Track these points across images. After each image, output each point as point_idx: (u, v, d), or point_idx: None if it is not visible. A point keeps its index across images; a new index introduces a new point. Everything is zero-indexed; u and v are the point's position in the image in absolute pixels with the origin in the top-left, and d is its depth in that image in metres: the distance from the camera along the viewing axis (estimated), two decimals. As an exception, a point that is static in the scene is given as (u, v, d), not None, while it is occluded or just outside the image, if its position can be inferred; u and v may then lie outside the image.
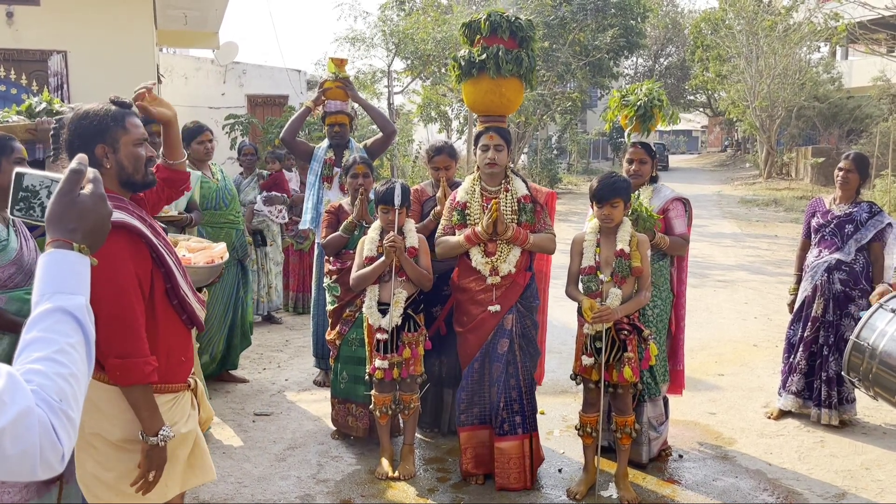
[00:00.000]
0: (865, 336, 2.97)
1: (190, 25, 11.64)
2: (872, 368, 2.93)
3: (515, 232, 3.74)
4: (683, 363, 4.44)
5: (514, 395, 3.81)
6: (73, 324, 1.27)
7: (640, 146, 4.24)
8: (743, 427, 4.77)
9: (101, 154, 2.24)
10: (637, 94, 4.30)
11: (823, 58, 28.21)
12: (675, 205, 4.19)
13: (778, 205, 18.90)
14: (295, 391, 5.41)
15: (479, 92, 4.03)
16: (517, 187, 3.88)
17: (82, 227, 1.34)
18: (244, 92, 15.13)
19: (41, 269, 1.31)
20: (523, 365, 3.84)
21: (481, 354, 3.84)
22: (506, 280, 3.78)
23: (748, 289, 9.23)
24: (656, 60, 39.76)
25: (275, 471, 4.10)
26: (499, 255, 3.78)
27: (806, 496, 3.83)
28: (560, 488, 3.90)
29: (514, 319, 3.81)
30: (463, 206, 3.89)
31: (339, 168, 5.42)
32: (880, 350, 2.90)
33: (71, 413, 1.20)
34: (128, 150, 2.28)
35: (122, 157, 2.27)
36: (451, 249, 3.89)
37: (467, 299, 3.87)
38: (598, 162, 37.58)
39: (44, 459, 1.15)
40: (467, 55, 4.01)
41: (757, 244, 12.97)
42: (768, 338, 6.86)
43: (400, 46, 17.25)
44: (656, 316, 4.12)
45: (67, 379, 1.21)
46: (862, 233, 4.60)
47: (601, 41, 19.50)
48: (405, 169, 17.27)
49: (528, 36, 4.01)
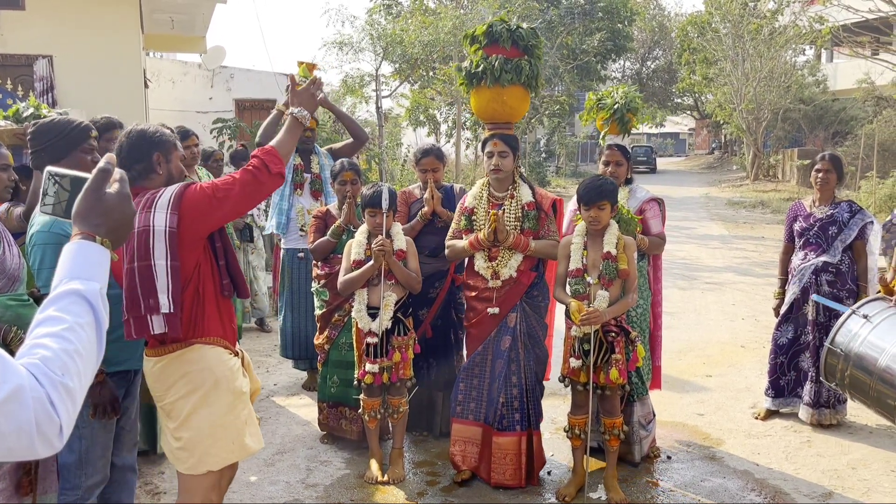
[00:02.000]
0: (840, 341, 3.01)
1: (177, 30, 11.60)
2: (847, 372, 2.97)
3: (516, 239, 3.81)
4: (661, 359, 4.50)
5: (515, 392, 3.86)
6: (86, 306, 1.34)
7: (617, 148, 4.31)
8: (731, 428, 4.80)
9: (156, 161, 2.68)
10: (613, 98, 4.36)
11: (808, 61, 28.44)
12: (651, 205, 4.27)
13: (765, 206, 19.02)
14: (283, 396, 5.40)
15: (482, 100, 4.08)
16: (523, 194, 3.95)
17: (106, 223, 1.42)
18: (232, 96, 15.07)
19: (64, 258, 1.39)
20: (527, 364, 3.89)
21: (483, 349, 3.91)
22: (506, 283, 3.86)
23: (736, 290, 9.28)
24: (643, 63, 39.97)
25: (264, 476, 4.09)
26: (500, 259, 3.87)
27: (793, 496, 3.86)
28: (549, 491, 3.91)
29: (517, 318, 3.87)
30: (470, 211, 3.99)
31: (309, 174, 5.44)
32: (854, 354, 2.94)
33: (72, 387, 1.24)
34: (177, 163, 2.75)
35: (172, 168, 2.73)
36: (458, 254, 4.02)
37: (473, 297, 3.98)
38: (587, 165, 37.69)
39: (41, 434, 1.18)
40: (468, 66, 4.05)
41: (744, 246, 13.05)
42: (756, 339, 6.91)
43: (388, 50, 17.26)
44: (639, 315, 4.18)
45: (72, 355, 1.26)
46: (846, 233, 4.64)
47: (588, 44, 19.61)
48: (394, 172, 17.27)
49: (531, 44, 4.04)
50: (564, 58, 19.73)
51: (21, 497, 2.49)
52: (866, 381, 2.91)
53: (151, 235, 2.49)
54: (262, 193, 2.65)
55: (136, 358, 2.94)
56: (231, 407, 2.65)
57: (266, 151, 2.61)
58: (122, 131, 2.72)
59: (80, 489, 2.77)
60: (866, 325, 2.97)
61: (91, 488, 2.83)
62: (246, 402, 2.75)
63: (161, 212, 2.51)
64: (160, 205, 2.52)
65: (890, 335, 2.88)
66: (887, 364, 2.81)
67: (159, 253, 2.48)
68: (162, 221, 2.49)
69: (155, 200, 2.54)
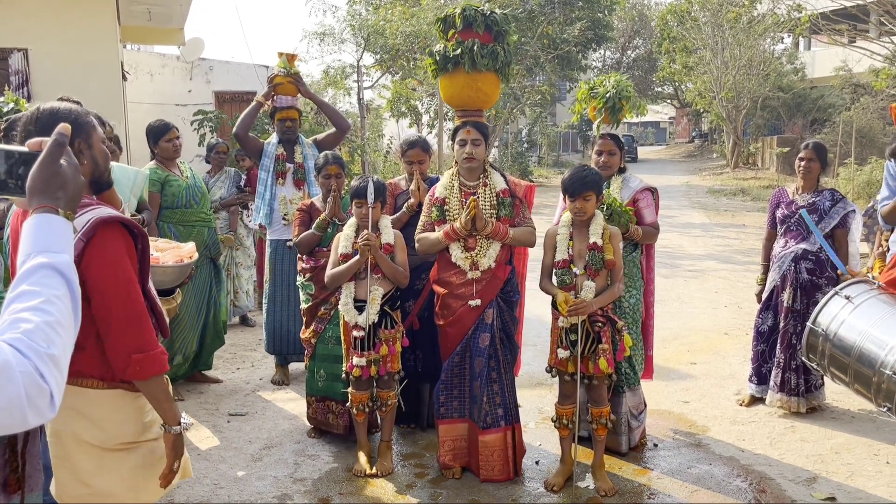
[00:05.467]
0: (821, 321, 3.05)
1: (154, 22, 11.42)
2: (827, 352, 3.01)
3: (495, 227, 3.75)
4: (653, 349, 4.51)
5: (496, 388, 3.84)
6: (60, 278, 1.35)
7: (609, 137, 4.28)
8: (716, 415, 4.85)
9: (77, 149, 2.14)
10: (605, 86, 4.34)
11: (787, 49, 28.68)
12: (645, 195, 4.25)
13: (745, 194, 19.19)
14: (270, 390, 5.37)
15: (456, 86, 4.03)
16: (496, 182, 3.88)
17: (65, 195, 1.44)
18: (211, 89, 14.91)
19: (28, 231, 1.40)
20: (504, 358, 3.87)
21: (461, 348, 3.85)
22: (486, 274, 3.79)
23: (718, 278, 9.36)
24: (624, 53, 40.05)
25: (251, 471, 4.07)
26: (479, 249, 3.79)
27: (778, 481, 3.91)
28: (537, 480, 3.92)
29: (494, 314, 3.83)
30: (442, 201, 3.89)
31: (291, 164, 5.42)
32: (834, 334, 2.98)
33: (57, 356, 1.27)
34: (100, 147, 2.22)
35: (97, 154, 2.20)
36: (431, 246, 3.89)
37: (447, 294, 3.87)
38: (568, 154, 37.80)
39: (32, 405, 1.22)
40: (442, 50, 3.99)
41: (725, 234, 13.16)
42: (739, 326, 6.97)
43: (369, 41, 17.15)
44: (632, 306, 4.17)
45: (53, 326, 1.28)
46: (826, 221, 4.68)
47: (569, 34, 19.59)
48: (376, 164, 17.20)
49: (503, 30, 4.01)
50: (545, 47, 19.71)
51: (9, 495, 2.47)
52: (845, 360, 2.95)
53: None
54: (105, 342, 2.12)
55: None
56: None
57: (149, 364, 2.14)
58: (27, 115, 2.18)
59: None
60: (848, 306, 3.01)
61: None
62: None
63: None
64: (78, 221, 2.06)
65: (870, 316, 2.92)
66: (865, 344, 2.86)
67: None
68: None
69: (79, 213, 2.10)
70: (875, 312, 2.92)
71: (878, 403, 2.82)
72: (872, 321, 2.89)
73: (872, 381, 2.80)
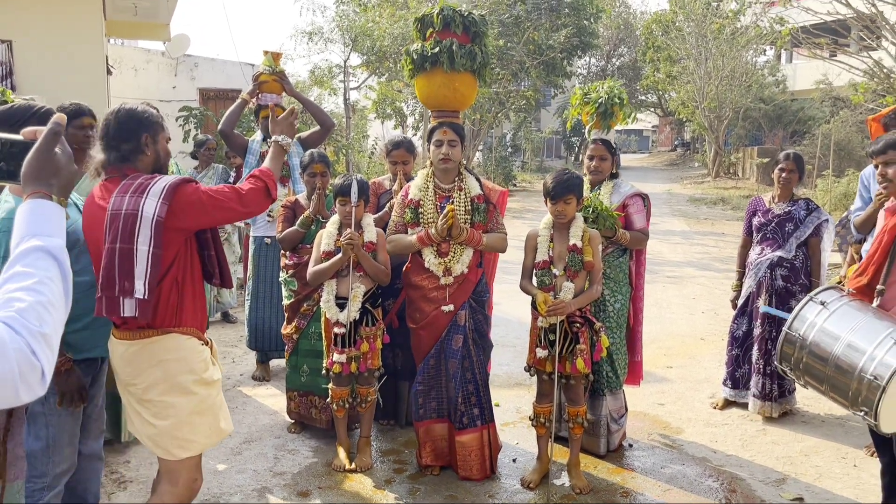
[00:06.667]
0: (796, 328, 3.11)
1: (140, 16, 11.37)
2: (803, 358, 3.07)
3: (469, 234, 3.76)
4: (641, 354, 4.56)
5: (471, 388, 3.87)
6: (52, 261, 1.39)
7: (601, 143, 4.32)
8: (690, 417, 4.94)
9: (145, 142, 2.68)
10: (598, 92, 4.38)
11: (769, 61, 29.02)
12: (635, 200, 4.28)
13: (725, 203, 19.41)
14: (250, 386, 5.39)
15: (433, 86, 4.03)
16: (471, 186, 3.88)
17: (59, 182, 1.49)
18: (196, 85, 14.87)
19: (22, 216, 1.44)
20: (478, 359, 3.91)
21: (436, 350, 3.88)
22: (458, 279, 3.82)
23: (696, 284, 9.48)
24: (609, 60, 40.29)
25: (231, 465, 4.09)
26: (452, 255, 3.80)
27: (748, 481, 4.00)
28: (514, 478, 3.98)
29: (466, 315, 3.86)
30: (416, 203, 3.87)
31: None
32: (810, 341, 3.04)
33: (49, 334, 1.31)
34: (163, 144, 2.76)
35: (160, 149, 2.74)
36: (403, 249, 3.89)
37: (419, 297, 3.89)
38: (552, 160, 37.95)
39: (24, 382, 1.26)
40: (420, 49, 4.00)
41: (705, 241, 13.32)
42: (715, 331, 7.08)
43: (357, 42, 17.18)
44: (617, 311, 4.23)
45: (46, 306, 1.33)
46: (801, 230, 4.79)
47: (555, 40, 19.68)
48: (360, 164, 17.21)
49: (480, 31, 4.01)
50: (531, 53, 19.79)
51: None
52: (821, 368, 3.01)
53: (139, 220, 2.51)
54: (256, 212, 2.79)
55: (104, 345, 2.92)
56: (206, 396, 2.71)
57: (267, 175, 2.78)
58: (110, 111, 2.71)
59: (47, 476, 2.76)
60: (822, 313, 3.07)
61: (59, 476, 2.82)
62: (219, 389, 2.81)
63: (153, 199, 2.53)
64: (153, 192, 2.55)
65: (845, 323, 2.98)
66: (842, 351, 2.92)
67: (143, 239, 2.50)
68: (151, 209, 2.52)
69: (149, 187, 2.57)
70: (850, 319, 2.98)
71: (854, 409, 2.88)
72: (849, 327, 2.95)
73: (850, 387, 2.86)
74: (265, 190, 2.75)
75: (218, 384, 2.80)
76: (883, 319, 2.92)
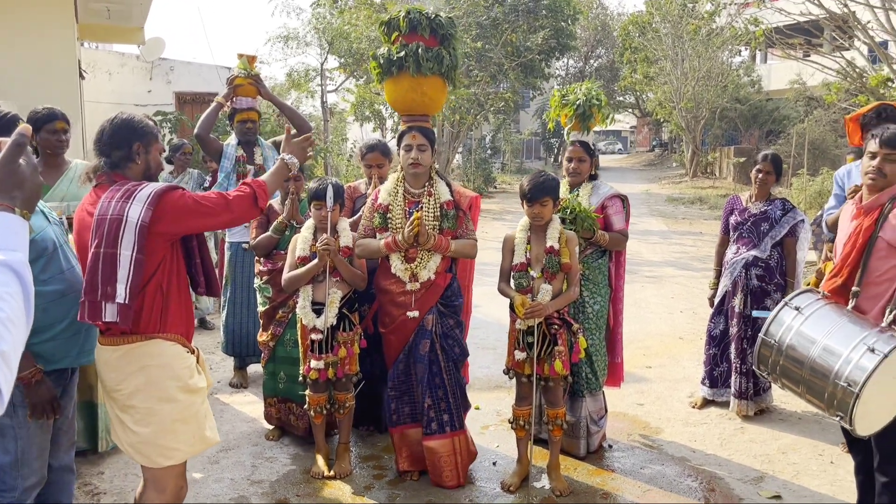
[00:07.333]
0: (773, 332, 3.12)
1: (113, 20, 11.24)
2: (780, 362, 3.08)
3: (437, 241, 3.71)
4: (622, 356, 4.56)
5: (441, 394, 3.82)
6: (12, 276, 1.35)
7: (580, 145, 4.33)
8: (669, 417, 4.95)
9: (136, 151, 2.71)
10: (576, 94, 4.38)
11: (744, 61, 29.34)
12: (614, 201, 4.29)
13: (703, 203, 19.58)
14: (228, 393, 5.34)
15: (401, 90, 3.99)
16: (440, 191, 3.83)
17: (22, 194, 1.45)
18: (172, 89, 14.74)
19: None
20: (446, 365, 3.84)
21: (404, 355, 3.84)
22: (425, 285, 3.77)
23: (675, 284, 9.54)
24: (586, 62, 40.53)
25: (208, 474, 4.04)
26: (419, 261, 3.76)
27: (727, 480, 4.02)
28: (494, 481, 3.97)
29: (434, 320, 3.80)
30: (385, 209, 3.83)
31: (252, 165, 5.41)
32: (786, 345, 3.05)
33: (7, 352, 1.27)
34: (155, 155, 2.79)
35: (151, 159, 2.77)
36: (371, 254, 3.85)
37: (388, 301, 3.85)
38: (532, 162, 38.07)
39: None
40: (387, 53, 3.95)
41: (683, 241, 13.42)
42: (693, 331, 7.12)
43: (333, 44, 17.12)
44: (596, 312, 4.23)
45: (5, 323, 1.28)
46: (777, 230, 4.82)
47: (532, 42, 19.76)
48: (339, 168, 17.15)
49: (449, 34, 3.97)
50: (509, 55, 19.86)
51: None
52: (797, 371, 3.02)
53: (123, 225, 2.50)
54: (242, 219, 2.79)
55: (74, 356, 2.88)
56: (190, 403, 2.68)
57: (259, 185, 2.78)
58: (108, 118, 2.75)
59: (16, 491, 2.70)
60: (798, 317, 3.08)
61: (28, 490, 2.76)
62: (204, 397, 2.78)
63: (138, 204, 2.53)
64: (139, 197, 2.54)
65: (820, 327, 3.00)
66: (818, 355, 2.93)
67: (127, 243, 2.49)
68: (136, 214, 2.51)
69: (135, 193, 2.56)
70: (825, 323, 3.00)
71: (831, 412, 2.89)
72: (825, 331, 2.96)
73: (826, 391, 2.88)
74: (252, 198, 2.74)
75: (203, 392, 2.77)
76: (857, 323, 2.94)
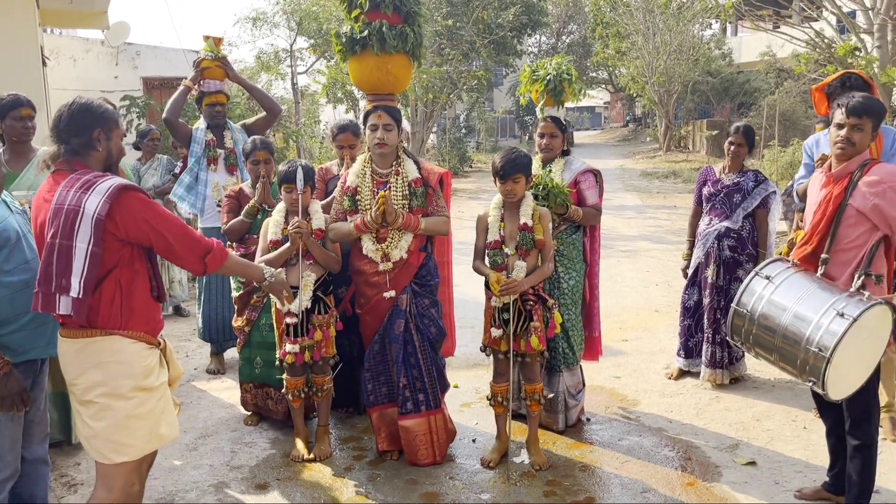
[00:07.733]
0: (745, 301, 3.16)
1: (76, 4, 10.97)
2: (752, 331, 3.12)
3: (406, 219, 3.71)
4: (599, 330, 4.59)
5: (416, 373, 3.82)
6: None
7: (551, 120, 4.31)
8: (646, 388, 5.01)
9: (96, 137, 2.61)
10: (546, 69, 4.35)
11: (715, 34, 29.42)
12: (587, 176, 4.29)
13: (677, 177, 19.70)
14: (205, 380, 5.31)
15: (365, 69, 3.93)
16: (408, 170, 3.82)
17: None
18: (139, 74, 14.46)
19: None
20: (422, 344, 3.84)
21: (380, 335, 3.85)
22: (398, 265, 3.77)
23: (650, 258, 9.62)
24: (559, 38, 40.42)
25: (187, 460, 4.02)
26: (390, 241, 3.76)
27: (703, 449, 4.08)
28: (474, 458, 4.00)
29: (408, 299, 3.81)
30: (354, 191, 3.82)
31: (222, 149, 5.33)
32: (758, 314, 3.09)
33: None
34: (117, 142, 2.70)
35: (112, 146, 2.68)
36: (343, 237, 3.85)
37: (362, 282, 3.86)
38: (507, 140, 38.01)
39: None
40: (349, 31, 3.88)
41: (657, 215, 13.51)
42: (669, 303, 7.19)
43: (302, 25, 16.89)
44: (571, 288, 4.24)
45: None
46: (749, 201, 4.87)
47: (504, 19, 19.65)
48: (312, 150, 17.00)
49: (413, 10, 3.90)
50: (480, 32, 19.75)
51: None
52: (770, 339, 3.06)
53: (80, 217, 2.42)
54: (181, 261, 2.69)
55: (43, 346, 2.84)
56: (145, 399, 2.60)
57: (220, 250, 2.72)
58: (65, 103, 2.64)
59: (-11, 484, 2.67)
60: (769, 286, 3.12)
61: (1, 483, 2.73)
62: (162, 393, 2.68)
63: (96, 196, 2.44)
64: (98, 189, 2.46)
65: (790, 294, 3.04)
66: (790, 322, 2.98)
67: (83, 236, 2.41)
68: (93, 206, 2.43)
69: (95, 184, 2.48)
70: (795, 290, 3.04)
71: (803, 378, 2.94)
72: (795, 298, 3.00)
73: (798, 358, 2.92)
74: (206, 251, 2.68)
75: (162, 388, 2.68)
76: (826, 289, 2.98)
